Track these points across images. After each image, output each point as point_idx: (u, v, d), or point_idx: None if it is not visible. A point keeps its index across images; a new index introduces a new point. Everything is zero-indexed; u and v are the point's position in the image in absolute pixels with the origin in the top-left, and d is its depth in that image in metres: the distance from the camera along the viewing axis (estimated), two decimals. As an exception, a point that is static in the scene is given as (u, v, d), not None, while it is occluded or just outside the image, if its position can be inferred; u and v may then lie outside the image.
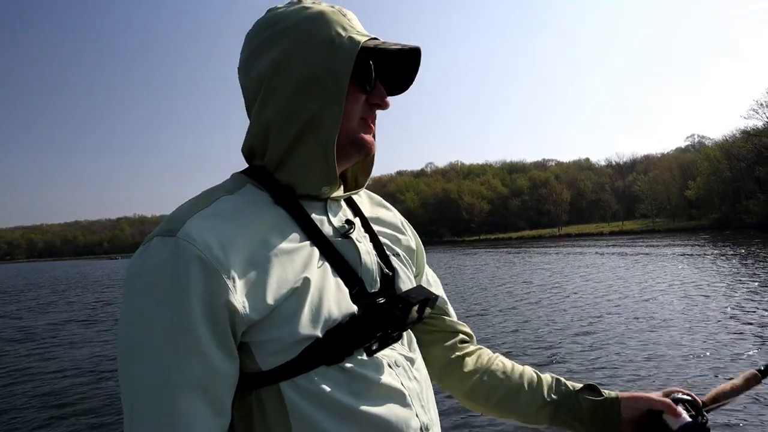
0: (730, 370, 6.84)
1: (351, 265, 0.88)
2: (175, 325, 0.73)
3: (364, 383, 0.82)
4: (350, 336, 0.81)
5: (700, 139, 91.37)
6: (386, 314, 0.85)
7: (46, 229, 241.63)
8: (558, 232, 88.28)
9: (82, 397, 7.44)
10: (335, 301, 0.82)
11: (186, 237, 0.75)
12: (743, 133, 64.21)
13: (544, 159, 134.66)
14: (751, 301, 11.53)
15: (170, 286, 0.73)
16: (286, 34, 0.85)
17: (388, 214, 1.08)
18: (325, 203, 0.92)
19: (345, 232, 0.90)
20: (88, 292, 26.32)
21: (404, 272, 0.98)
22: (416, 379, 0.91)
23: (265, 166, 0.89)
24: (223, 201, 0.82)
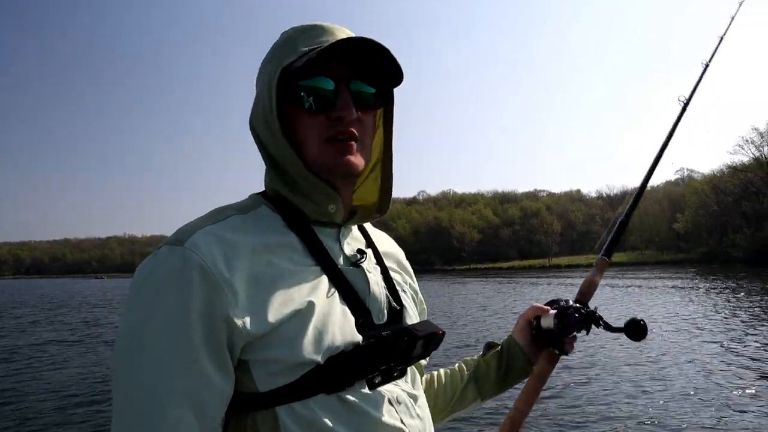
0: (720, 401, 6.97)
1: (359, 294, 0.87)
2: (174, 334, 0.73)
3: (362, 417, 0.80)
4: (352, 366, 0.79)
5: (689, 172, 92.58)
6: (391, 347, 0.83)
7: (34, 245, 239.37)
8: (548, 262, 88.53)
9: (66, 419, 7.40)
10: (340, 328, 0.81)
11: (193, 247, 0.76)
12: (730, 168, 65.41)
13: (535, 189, 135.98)
14: (740, 332, 11.72)
15: (172, 294, 0.74)
16: (258, 77, 0.92)
17: (397, 253, 1.08)
18: (339, 231, 0.92)
19: (356, 261, 0.90)
20: (74, 312, 26.11)
21: (412, 308, 0.98)
22: (419, 416, 0.89)
23: (279, 190, 0.89)
24: (234, 219, 0.83)
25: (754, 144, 61.15)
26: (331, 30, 0.88)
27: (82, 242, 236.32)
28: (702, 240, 67.33)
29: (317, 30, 0.88)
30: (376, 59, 0.88)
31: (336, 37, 0.86)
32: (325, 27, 0.88)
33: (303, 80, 0.85)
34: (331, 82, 0.85)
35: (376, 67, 0.89)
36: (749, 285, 25.26)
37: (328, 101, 0.85)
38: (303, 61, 0.82)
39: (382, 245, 1.04)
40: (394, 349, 0.84)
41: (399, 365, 0.87)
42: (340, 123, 0.85)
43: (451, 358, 9.68)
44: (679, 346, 10.76)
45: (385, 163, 0.98)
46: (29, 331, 18.04)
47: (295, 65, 0.83)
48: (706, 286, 26.47)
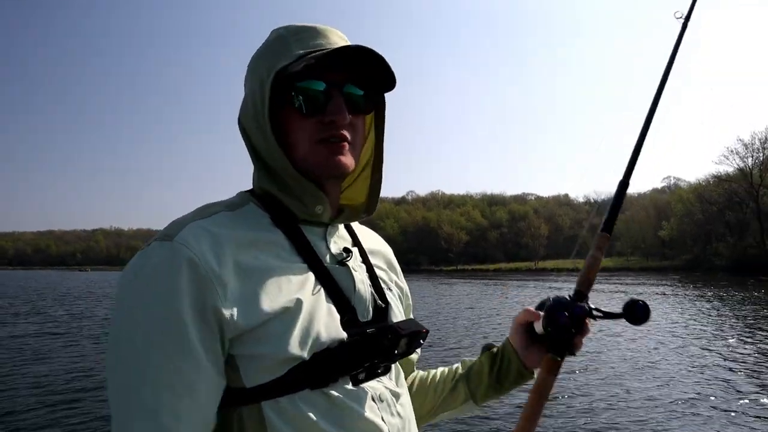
0: (704, 406, 7.08)
1: (345, 292, 0.88)
2: (166, 326, 0.74)
3: (344, 413, 0.81)
4: (337, 362, 0.81)
5: (676, 180, 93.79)
6: (375, 344, 0.85)
7: (17, 236, 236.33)
8: (535, 265, 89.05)
9: (48, 412, 7.33)
10: (325, 325, 0.82)
11: (182, 241, 0.77)
12: (714, 178, 66.29)
13: (523, 192, 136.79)
14: (724, 339, 11.91)
15: (164, 288, 0.75)
16: (248, 75, 0.92)
17: (385, 251, 1.10)
18: (325, 230, 0.93)
19: (342, 260, 0.91)
20: (57, 304, 25.86)
21: (397, 306, 0.99)
22: (399, 414, 0.90)
23: (267, 189, 0.91)
24: (222, 216, 0.85)
25: (738, 155, 62.09)
26: (324, 33, 0.89)
27: (66, 234, 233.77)
28: (687, 247, 68.21)
29: (311, 32, 0.89)
30: (370, 65, 0.89)
31: (330, 41, 0.88)
32: (318, 29, 0.89)
33: (297, 83, 0.85)
34: (324, 85, 0.86)
35: (369, 72, 0.90)
36: (731, 293, 25.65)
37: (321, 104, 0.87)
38: (300, 66, 0.83)
39: (368, 243, 1.05)
40: (378, 347, 0.85)
41: (383, 362, 0.88)
42: (332, 126, 0.87)
43: (443, 358, 9.70)
44: (668, 351, 10.90)
45: (376, 165, 1.00)
46: (10, 322, 17.85)
47: (290, 69, 0.84)
48: (689, 293, 26.83)
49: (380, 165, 1.00)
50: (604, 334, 12.77)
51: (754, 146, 60.35)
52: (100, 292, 35.71)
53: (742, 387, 8.09)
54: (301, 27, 0.90)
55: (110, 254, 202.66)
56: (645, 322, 1.05)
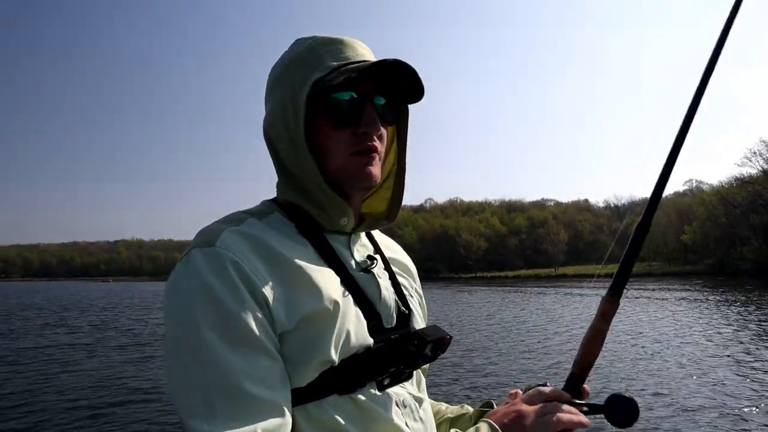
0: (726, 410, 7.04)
1: (370, 299, 0.89)
2: (233, 322, 0.75)
3: (371, 418, 0.82)
4: (364, 368, 0.82)
5: (698, 183, 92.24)
6: (401, 350, 0.86)
7: (42, 248, 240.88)
8: (554, 272, 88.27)
9: (76, 422, 7.46)
10: (354, 331, 0.84)
11: (223, 246, 0.79)
12: (737, 180, 65.22)
13: (543, 198, 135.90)
14: (750, 345, 11.74)
15: (217, 290, 0.76)
16: (274, 86, 0.92)
17: (405, 259, 1.11)
18: (349, 238, 0.95)
19: (366, 267, 0.93)
20: (82, 315, 26.36)
21: (419, 313, 1.01)
22: (422, 420, 0.91)
23: (293, 200, 0.92)
24: (251, 222, 0.86)
25: (762, 156, 61.06)
26: (351, 45, 0.90)
27: (90, 245, 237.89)
28: (710, 251, 67.08)
29: (340, 44, 0.90)
30: (402, 78, 0.90)
31: (357, 53, 0.90)
32: (346, 42, 0.90)
33: (333, 94, 0.86)
34: (357, 97, 0.88)
35: (398, 83, 0.91)
36: (758, 298, 25.17)
37: (355, 116, 0.88)
38: (341, 79, 0.84)
39: (389, 251, 1.07)
40: (404, 353, 0.87)
41: (407, 368, 0.90)
42: (366, 137, 0.88)
43: (457, 367, 9.71)
44: (689, 358, 10.81)
45: (399, 175, 1.01)
46: (40, 333, 18.26)
47: (327, 80, 0.85)
48: (714, 298, 26.37)
49: (403, 175, 1.01)
50: (624, 339, 12.66)
51: (778, 147, 59.38)
52: (124, 303, 36.27)
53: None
54: (330, 39, 0.90)
55: (132, 265, 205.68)
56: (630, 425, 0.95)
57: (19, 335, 17.62)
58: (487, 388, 8.58)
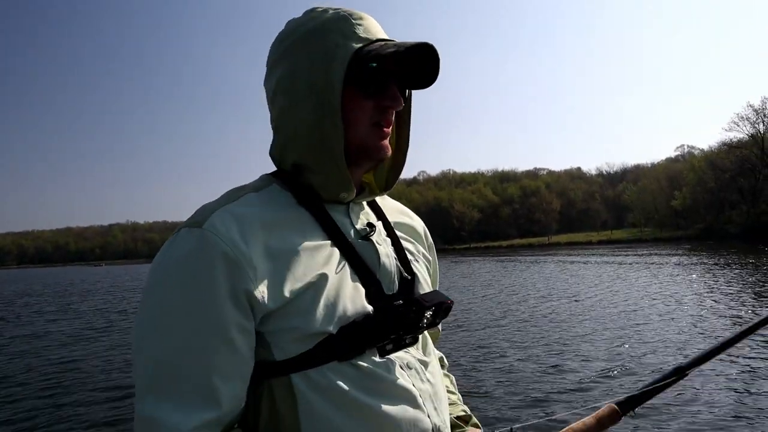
0: None
1: (369, 266, 0.90)
2: (202, 311, 0.77)
3: (375, 381, 0.84)
4: (363, 334, 0.83)
5: (690, 149, 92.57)
6: (400, 316, 0.87)
7: (37, 235, 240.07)
8: (548, 240, 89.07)
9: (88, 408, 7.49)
10: (351, 299, 0.85)
11: (211, 228, 0.79)
12: (724, 145, 65.65)
13: (535, 168, 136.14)
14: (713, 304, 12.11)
15: (196, 274, 0.78)
16: (295, 47, 0.90)
17: (412, 222, 1.11)
18: (348, 206, 0.95)
19: (365, 235, 0.93)
20: (78, 300, 26.49)
21: (423, 277, 1.01)
22: (429, 381, 0.92)
23: (290, 170, 0.93)
24: (249, 197, 0.87)
25: (749, 121, 61.50)
26: (375, 23, 0.92)
27: (84, 230, 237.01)
28: (700, 217, 67.79)
29: (367, 20, 0.91)
30: (421, 63, 0.93)
31: (380, 31, 0.91)
32: (370, 19, 0.92)
33: (370, 64, 0.87)
34: (386, 71, 0.90)
35: (416, 67, 0.94)
36: (738, 260, 25.66)
37: (382, 89, 0.90)
38: (387, 51, 0.85)
39: (395, 216, 1.07)
40: (403, 319, 0.87)
41: (409, 334, 0.90)
42: (386, 111, 0.91)
43: (457, 333, 9.96)
44: (668, 322, 11.13)
45: (401, 150, 1.02)
46: (30, 321, 18.46)
47: (370, 51, 0.87)
48: (695, 261, 26.78)
49: (405, 149, 1.02)
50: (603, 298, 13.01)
51: (765, 111, 59.79)
52: (122, 285, 36.49)
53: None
54: (358, 13, 0.91)
55: (128, 248, 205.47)
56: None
57: (24, 323, 17.81)
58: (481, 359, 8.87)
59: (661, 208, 79.66)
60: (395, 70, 0.92)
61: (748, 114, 61.54)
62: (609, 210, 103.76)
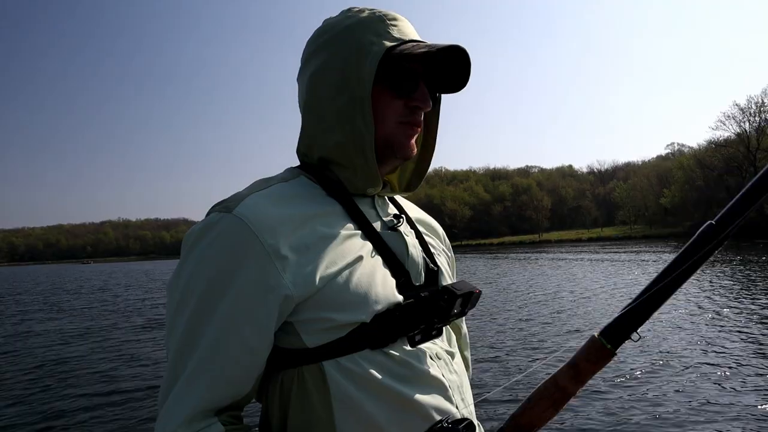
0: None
1: (398, 257, 0.90)
2: (216, 295, 0.78)
3: (407, 370, 0.84)
4: (395, 324, 0.83)
5: (680, 147, 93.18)
6: (431, 305, 0.87)
7: (27, 232, 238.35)
8: (538, 238, 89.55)
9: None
10: (382, 288, 0.85)
11: (240, 215, 0.79)
12: (711, 144, 66.14)
13: (527, 165, 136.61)
14: (700, 301, 12.35)
15: (220, 260, 0.78)
16: (330, 43, 0.91)
17: (431, 221, 1.14)
18: (373, 199, 0.96)
19: (393, 225, 0.94)
20: (69, 297, 26.42)
21: (447, 270, 1.03)
22: (456, 372, 0.93)
23: (317, 164, 0.93)
24: (279, 186, 0.88)
25: (735, 120, 62.03)
26: (409, 24, 0.94)
27: (76, 227, 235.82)
28: (688, 214, 68.28)
29: (402, 21, 0.92)
30: (450, 66, 0.93)
31: (414, 33, 0.93)
32: (405, 21, 0.93)
33: (403, 63, 0.89)
34: (417, 73, 0.91)
35: (444, 70, 0.94)
36: (720, 257, 26.03)
37: (412, 89, 0.90)
38: (418, 50, 0.86)
39: (413, 213, 1.09)
40: (435, 308, 0.87)
41: (438, 323, 0.90)
42: (417, 111, 0.92)
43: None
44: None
45: (427, 152, 1.03)
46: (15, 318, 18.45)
47: (402, 50, 0.87)
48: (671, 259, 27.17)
49: (431, 153, 1.03)
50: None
51: (750, 111, 60.33)
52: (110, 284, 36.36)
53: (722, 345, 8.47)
54: (393, 15, 0.92)
55: (119, 245, 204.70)
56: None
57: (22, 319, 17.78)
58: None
59: (651, 205, 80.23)
60: (425, 72, 0.92)
61: (734, 113, 62.20)
62: (600, 207, 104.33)
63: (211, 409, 0.79)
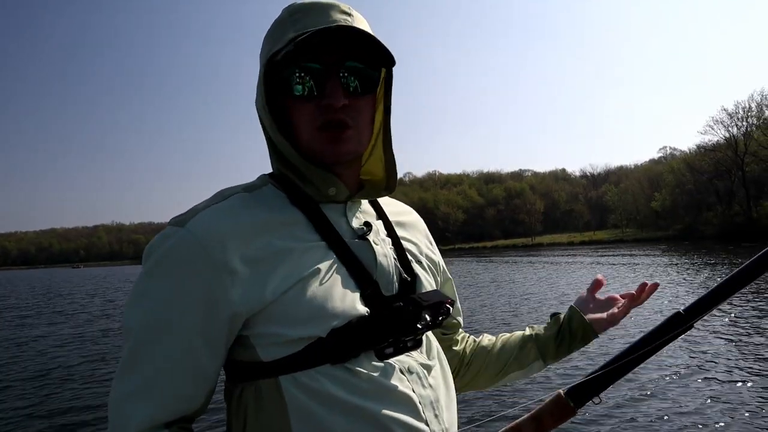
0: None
1: (365, 266, 0.87)
2: (167, 312, 0.78)
3: (370, 385, 0.80)
4: (356, 337, 0.80)
5: (672, 151, 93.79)
6: (395, 317, 0.84)
7: (20, 236, 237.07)
8: (531, 241, 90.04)
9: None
10: (341, 301, 0.81)
11: (191, 229, 0.79)
12: (700, 148, 66.80)
13: (520, 169, 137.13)
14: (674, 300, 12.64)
15: (168, 273, 0.79)
16: (260, 56, 0.91)
17: (415, 223, 1.08)
18: (345, 205, 0.92)
19: (362, 234, 0.90)
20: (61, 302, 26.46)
21: (426, 278, 0.97)
22: (431, 386, 0.88)
23: (283, 172, 0.91)
24: (237, 198, 0.86)
25: (723, 124, 62.54)
26: (322, 10, 0.86)
27: (69, 232, 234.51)
28: (679, 218, 68.86)
29: (307, 11, 0.86)
30: (366, 43, 0.86)
31: (329, 19, 0.85)
32: (317, 7, 0.86)
33: (292, 66, 0.85)
34: (319, 67, 0.85)
35: (368, 49, 0.87)
36: (704, 259, 26.34)
37: (317, 88, 0.85)
38: (289, 49, 0.82)
39: (397, 216, 1.03)
40: (399, 320, 0.84)
41: (407, 336, 0.86)
42: (330, 110, 0.85)
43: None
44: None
45: (385, 143, 0.97)
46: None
47: (283, 53, 0.83)
48: (665, 261, 27.43)
49: (389, 143, 0.97)
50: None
51: (738, 115, 60.91)
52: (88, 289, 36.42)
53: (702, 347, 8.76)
54: (301, 5, 0.87)
55: (113, 250, 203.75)
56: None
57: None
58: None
59: (642, 209, 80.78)
60: (335, 60, 0.86)
61: (722, 118, 62.74)
62: (592, 211, 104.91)
63: (162, 422, 0.79)
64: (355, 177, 0.95)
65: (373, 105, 0.94)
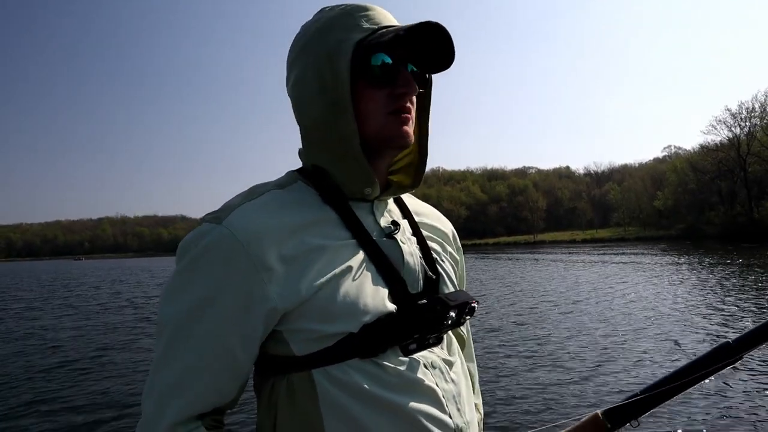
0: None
1: (393, 265, 0.89)
2: (202, 306, 0.80)
3: (397, 379, 0.83)
4: (385, 334, 0.82)
5: (677, 150, 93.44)
6: (423, 315, 0.86)
7: (25, 228, 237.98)
8: (533, 238, 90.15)
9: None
10: (372, 298, 0.84)
11: (229, 226, 0.80)
12: (703, 148, 66.86)
13: (524, 166, 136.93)
14: (673, 300, 12.76)
15: (207, 270, 0.80)
16: (304, 50, 0.90)
17: (440, 222, 1.10)
18: (372, 204, 0.94)
19: (389, 233, 0.92)
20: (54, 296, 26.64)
21: (449, 277, 1.00)
22: (453, 381, 0.91)
23: (316, 167, 0.92)
24: (271, 194, 0.87)
25: (726, 124, 62.58)
26: (383, 12, 0.91)
27: (74, 224, 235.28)
28: (681, 217, 68.87)
29: (373, 11, 0.90)
30: (433, 44, 0.89)
31: (388, 19, 0.90)
32: (377, 9, 0.91)
33: (375, 53, 0.87)
34: (395, 59, 0.88)
35: (427, 49, 0.91)
36: (704, 259, 26.34)
37: (393, 77, 0.88)
38: (387, 38, 0.84)
39: (422, 216, 1.05)
40: (427, 318, 0.86)
41: (433, 333, 0.89)
42: (402, 98, 0.88)
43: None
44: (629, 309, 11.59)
45: (421, 141, 1.00)
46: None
47: (372, 40, 0.85)
48: (663, 261, 27.38)
49: (426, 141, 1.00)
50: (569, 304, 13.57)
51: (741, 116, 60.94)
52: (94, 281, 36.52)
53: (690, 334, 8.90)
54: (362, 5, 0.90)
55: (117, 242, 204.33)
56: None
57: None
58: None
59: (645, 207, 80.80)
60: (407, 55, 0.90)
61: (725, 118, 62.85)
62: (595, 209, 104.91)
63: (195, 414, 0.82)
64: (384, 175, 0.97)
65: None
